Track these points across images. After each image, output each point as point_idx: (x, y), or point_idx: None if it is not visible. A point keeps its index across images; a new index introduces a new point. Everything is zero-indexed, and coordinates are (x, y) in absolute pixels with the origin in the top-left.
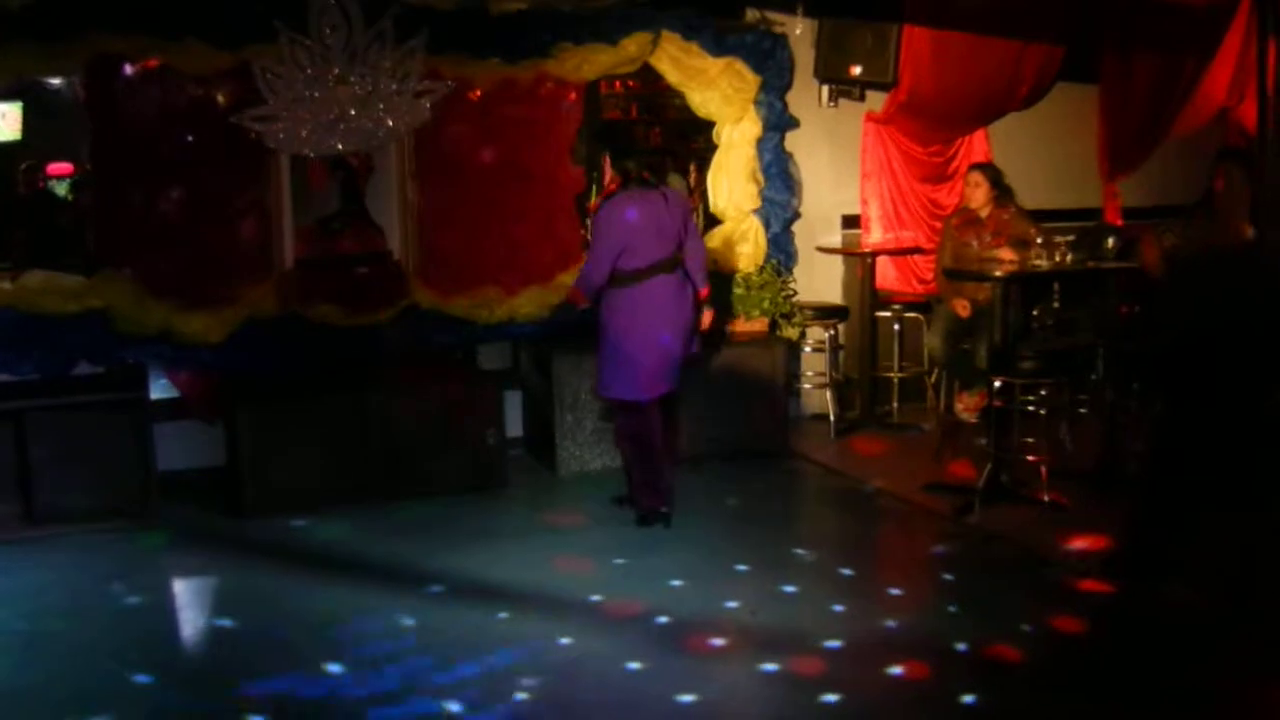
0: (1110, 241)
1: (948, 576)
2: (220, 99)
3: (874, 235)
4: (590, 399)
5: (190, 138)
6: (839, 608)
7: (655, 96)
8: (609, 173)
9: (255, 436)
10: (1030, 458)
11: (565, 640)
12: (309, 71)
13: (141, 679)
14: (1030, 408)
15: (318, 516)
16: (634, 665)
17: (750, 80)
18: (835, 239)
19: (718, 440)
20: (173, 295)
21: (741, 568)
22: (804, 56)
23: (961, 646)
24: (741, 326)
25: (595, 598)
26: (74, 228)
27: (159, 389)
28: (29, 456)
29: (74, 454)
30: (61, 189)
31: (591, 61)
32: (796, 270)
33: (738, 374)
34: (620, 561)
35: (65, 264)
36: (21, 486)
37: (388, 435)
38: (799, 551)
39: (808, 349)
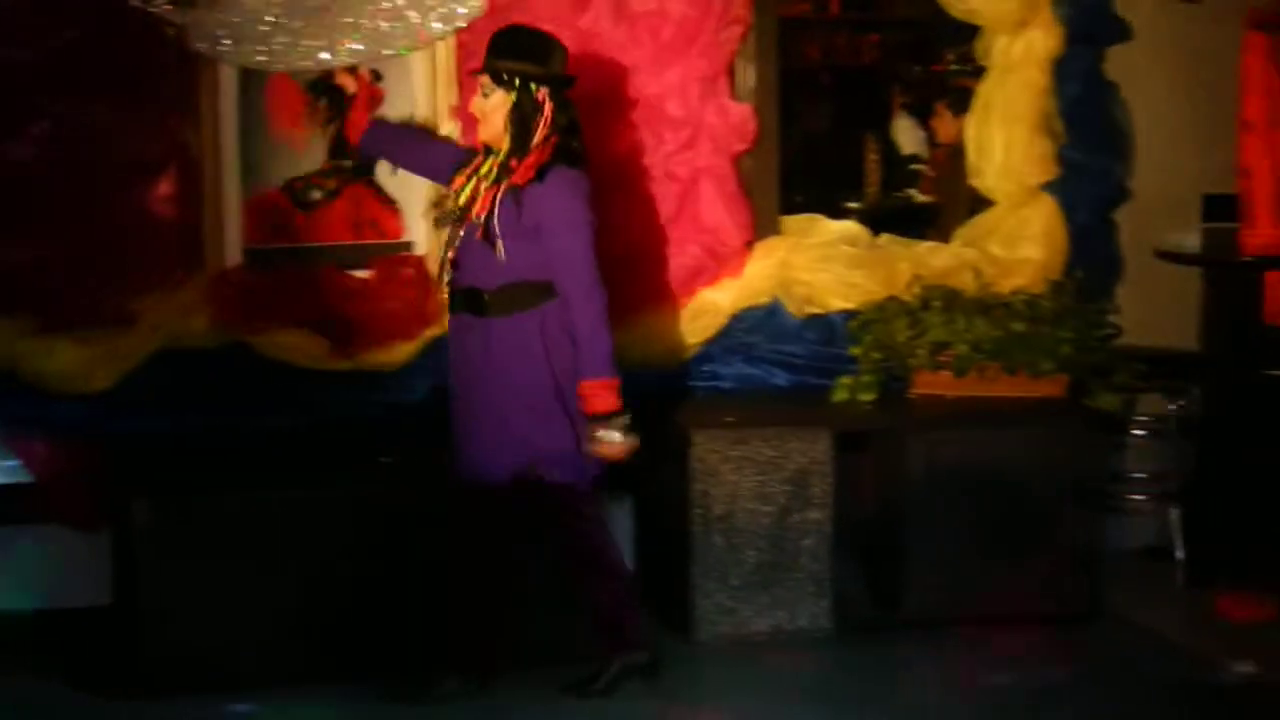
0: None
1: None
2: None
3: (1265, 231)
4: (754, 511)
5: (57, 34)
6: None
7: None
8: None
9: (164, 557)
10: None
11: None
12: None
13: None
14: None
15: (269, 697)
16: None
17: None
18: (1190, 238)
19: (970, 589)
20: (24, 308)
21: None
22: None
23: None
24: (1016, 389)
25: None
26: None
27: None
28: None
29: None
30: None
31: None
32: (1121, 290)
33: (1007, 474)
34: None
35: None
36: None
37: (396, 563)
38: None
39: (1138, 431)
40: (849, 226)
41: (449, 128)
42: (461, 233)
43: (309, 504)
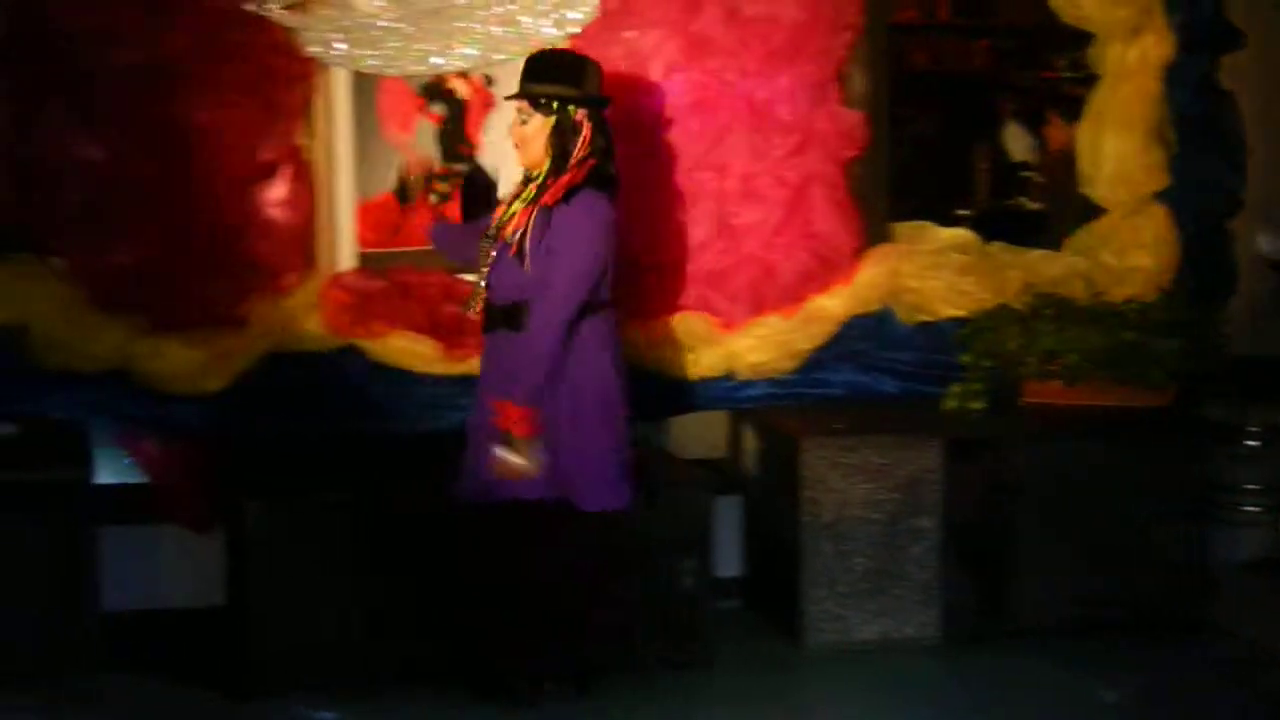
0: None
1: None
2: None
3: None
4: (863, 519)
5: (170, 37)
6: None
7: None
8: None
9: (274, 559)
10: None
11: None
12: None
13: None
14: None
15: (378, 705)
16: None
17: None
18: None
19: (1079, 599)
20: (136, 307)
21: None
22: None
23: None
24: (1126, 398)
25: None
26: None
27: (110, 469)
28: None
29: None
30: None
31: None
32: (1233, 298)
33: (1117, 484)
34: None
35: None
36: None
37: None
38: None
39: (1250, 442)
40: (959, 234)
41: None
42: (494, 252)
43: (423, 511)
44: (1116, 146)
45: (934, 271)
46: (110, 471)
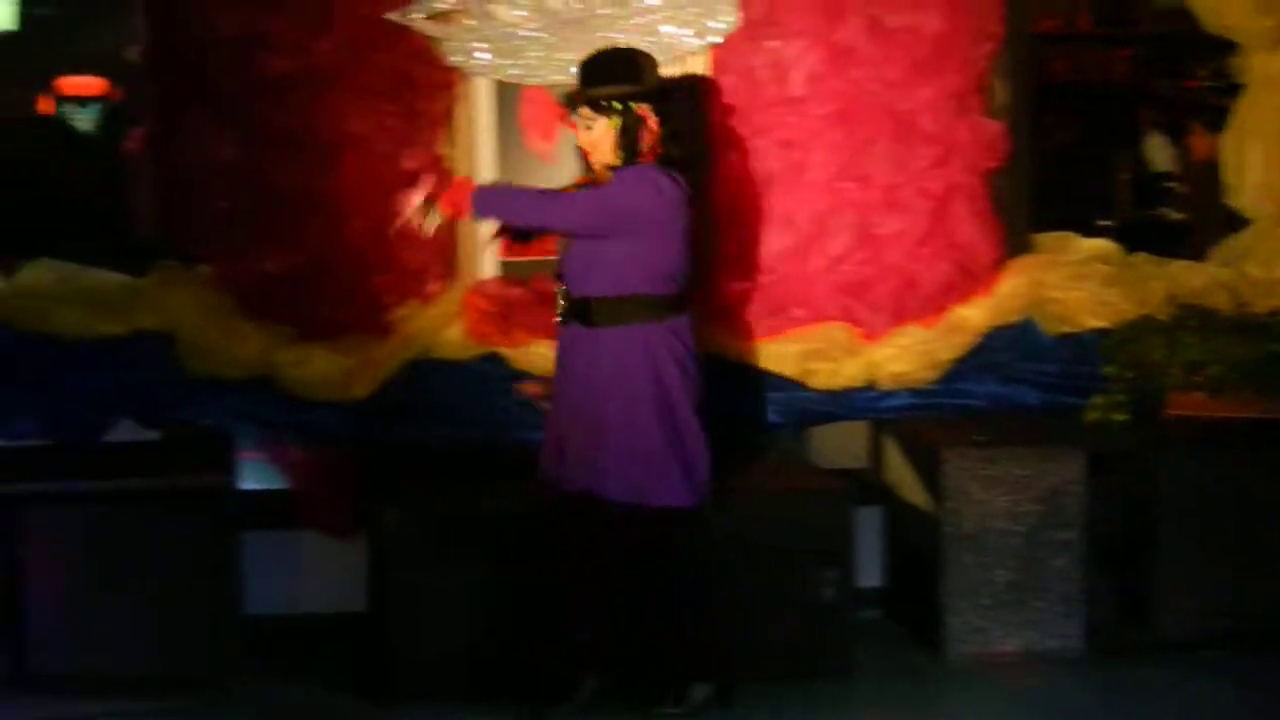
0: None
1: None
2: None
3: None
4: (1004, 530)
5: (317, 46)
6: None
7: None
8: None
9: (414, 565)
10: None
11: None
12: None
13: None
14: None
15: (513, 706)
16: None
17: None
18: None
19: (1223, 611)
20: (280, 314)
21: None
22: None
23: None
24: (1272, 410)
25: None
26: (107, 187)
27: (253, 475)
28: (22, 581)
29: (100, 580)
30: (85, 119)
31: None
32: None
33: (1261, 496)
34: None
35: (93, 250)
36: (7, 630)
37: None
38: None
39: None
40: (1102, 244)
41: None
42: (569, 243)
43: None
44: (1261, 157)
45: (1077, 282)
46: (254, 477)
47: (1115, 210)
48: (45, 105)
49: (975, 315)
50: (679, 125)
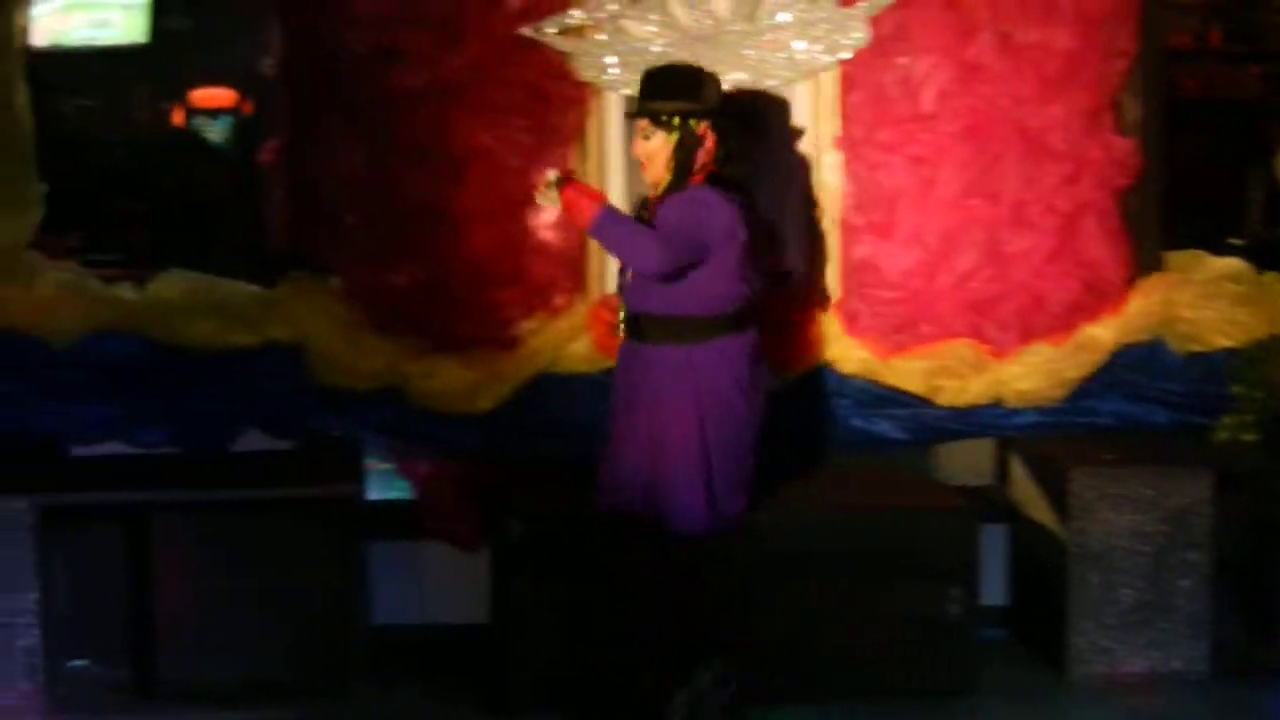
0: None
1: None
2: None
3: None
4: (1131, 550)
5: (451, 60)
6: None
7: (1253, 11)
8: None
9: (536, 578)
10: None
11: None
12: None
13: None
14: None
15: None
16: None
17: None
18: None
19: None
20: (409, 326)
21: None
22: None
23: None
24: None
25: None
26: (238, 199)
27: (380, 485)
28: (153, 588)
29: (228, 589)
30: (216, 131)
31: None
32: None
33: None
34: None
35: (224, 261)
36: (138, 638)
37: (766, 585)
38: None
39: None
40: (1233, 263)
41: (831, 158)
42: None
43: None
44: None
45: (1207, 301)
46: (381, 488)
47: (1246, 228)
48: (178, 117)
49: (1104, 334)
50: (735, 145)
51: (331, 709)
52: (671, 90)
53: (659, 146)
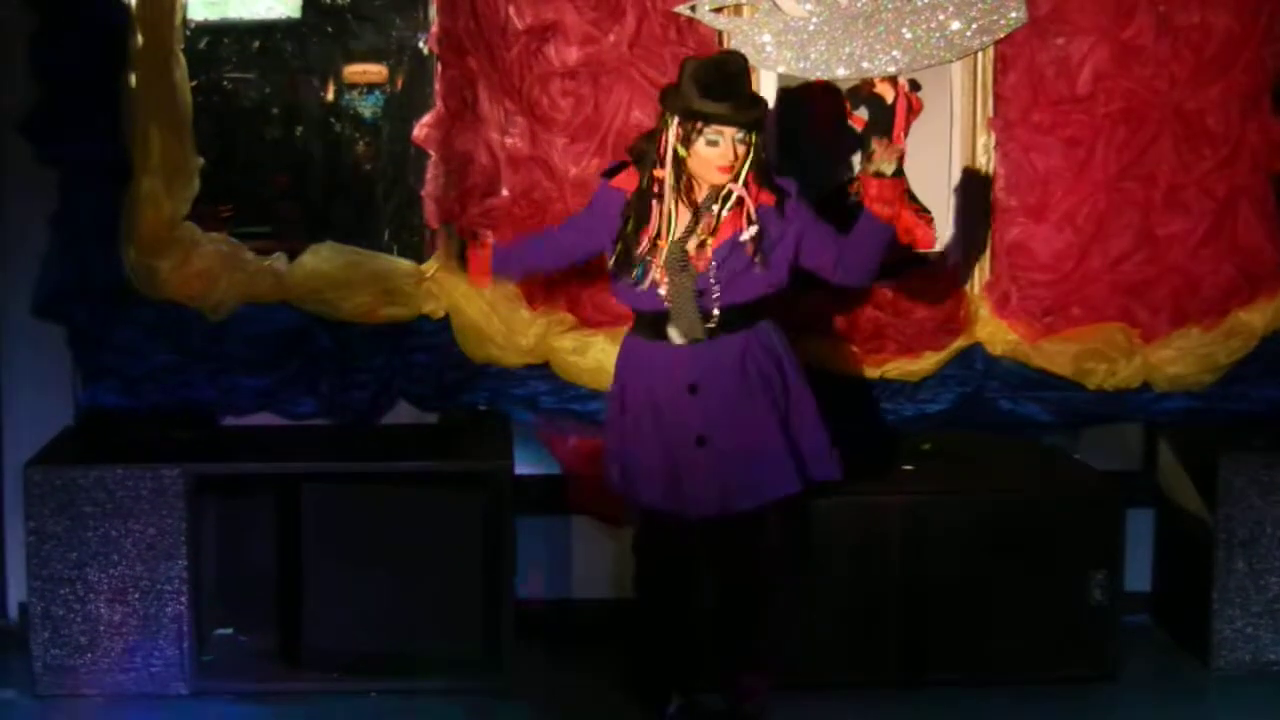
0: None
1: None
2: None
3: None
4: (1279, 538)
5: (605, 41)
6: None
7: None
8: None
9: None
10: None
11: None
12: None
13: None
14: None
15: (783, 704)
16: None
17: None
18: None
19: None
20: (560, 298)
21: None
22: None
23: None
24: None
25: None
26: (393, 174)
27: (528, 460)
28: (302, 559)
29: (376, 560)
30: (368, 106)
31: None
32: None
33: None
34: None
35: (373, 233)
36: (284, 608)
37: (906, 568)
38: None
39: None
40: None
41: (984, 140)
42: (709, 264)
43: (846, 510)
44: None
45: None
46: (529, 462)
47: None
48: (330, 92)
49: (1257, 319)
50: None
51: (478, 681)
52: (752, 93)
53: (744, 153)
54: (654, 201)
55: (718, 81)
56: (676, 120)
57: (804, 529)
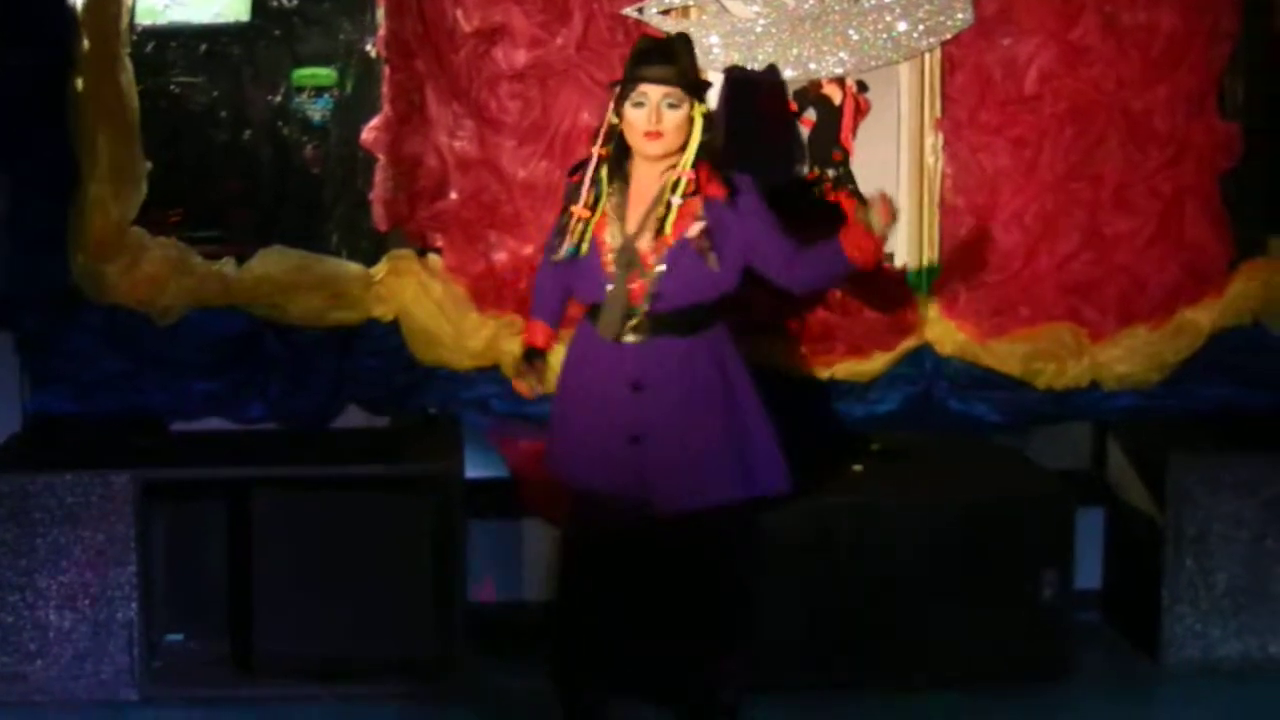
0: None
1: None
2: None
3: None
4: (1227, 535)
5: (552, 43)
6: None
7: None
8: None
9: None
10: None
11: None
12: None
13: None
14: None
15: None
16: None
17: None
18: None
19: None
20: (510, 303)
21: None
22: None
23: None
24: None
25: None
26: (341, 177)
27: (477, 463)
28: (253, 564)
29: (327, 564)
30: (317, 109)
31: None
32: None
33: None
34: None
35: (322, 237)
36: (235, 613)
37: (855, 568)
38: None
39: None
40: None
41: (932, 140)
42: (657, 259)
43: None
44: None
45: None
46: (479, 465)
47: None
48: (278, 96)
49: (1204, 317)
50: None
51: (429, 685)
52: (692, 60)
53: (684, 118)
54: (590, 175)
55: (652, 49)
56: (616, 92)
57: (753, 531)
